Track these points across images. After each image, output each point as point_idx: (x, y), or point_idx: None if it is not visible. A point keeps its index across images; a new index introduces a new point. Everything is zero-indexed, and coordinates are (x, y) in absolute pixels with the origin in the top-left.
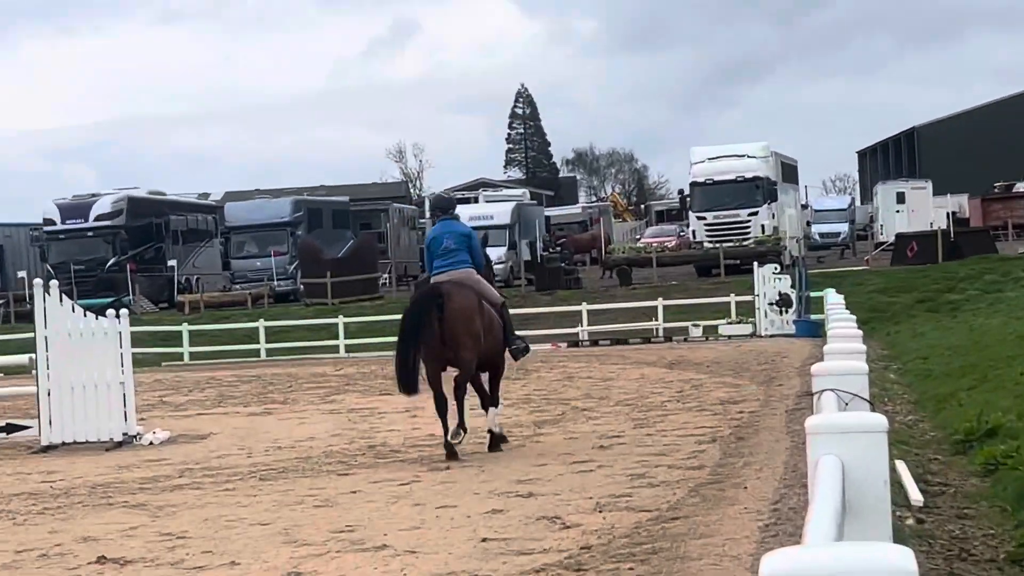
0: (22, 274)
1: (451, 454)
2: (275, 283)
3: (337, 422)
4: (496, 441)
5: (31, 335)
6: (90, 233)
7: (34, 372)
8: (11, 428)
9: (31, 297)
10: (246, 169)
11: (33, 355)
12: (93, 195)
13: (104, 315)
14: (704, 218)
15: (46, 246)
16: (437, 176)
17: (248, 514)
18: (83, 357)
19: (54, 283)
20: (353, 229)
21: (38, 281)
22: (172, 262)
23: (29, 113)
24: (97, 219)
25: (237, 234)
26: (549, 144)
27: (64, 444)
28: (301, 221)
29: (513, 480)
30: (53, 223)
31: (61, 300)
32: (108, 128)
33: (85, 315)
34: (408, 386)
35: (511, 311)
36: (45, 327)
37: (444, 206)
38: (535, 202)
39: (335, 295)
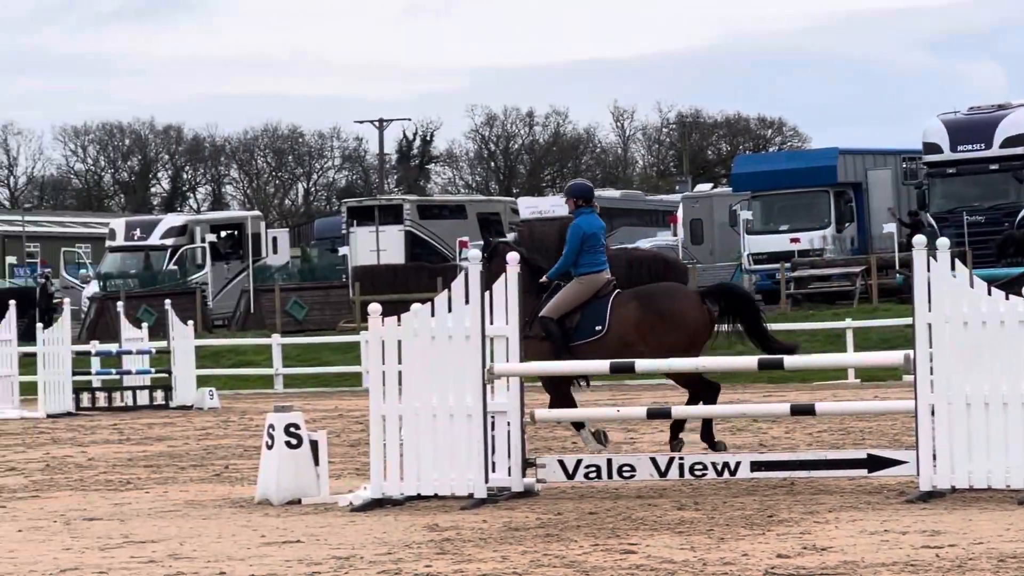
0: (889, 228)
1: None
2: None
3: None
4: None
5: (902, 321)
6: (994, 166)
7: (911, 378)
8: (876, 462)
9: (906, 265)
10: None
11: (911, 352)
12: (999, 107)
13: (1020, 292)
14: None
15: (927, 185)
16: None
17: None
18: (984, 359)
19: (942, 242)
20: None
21: (943, 242)
22: None
23: None
24: (1004, 145)
25: None
26: None
27: (955, 490)
28: None
29: None
30: (938, 150)
31: (953, 268)
32: None
33: (989, 293)
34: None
35: None
36: (929, 310)
37: (589, 196)
38: None
39: None
